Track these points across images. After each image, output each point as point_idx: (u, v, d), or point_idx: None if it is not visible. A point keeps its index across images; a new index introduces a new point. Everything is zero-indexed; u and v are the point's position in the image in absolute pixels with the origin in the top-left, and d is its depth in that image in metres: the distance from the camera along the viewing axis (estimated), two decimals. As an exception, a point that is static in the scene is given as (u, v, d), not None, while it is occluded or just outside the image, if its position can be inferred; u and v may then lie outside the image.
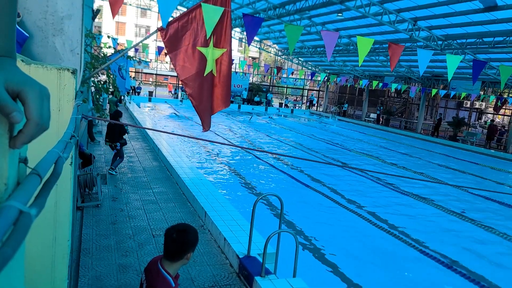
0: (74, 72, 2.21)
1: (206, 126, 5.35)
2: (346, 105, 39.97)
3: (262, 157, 14.37)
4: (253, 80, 46.84)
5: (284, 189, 10.64)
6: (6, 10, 0.63)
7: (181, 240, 2.53)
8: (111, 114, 9.26)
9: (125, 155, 10.99)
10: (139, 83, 40.17)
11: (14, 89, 0.59)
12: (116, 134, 9.23)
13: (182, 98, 35.29)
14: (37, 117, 0.61)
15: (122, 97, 21.93)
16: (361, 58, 6.73)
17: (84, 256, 5.04)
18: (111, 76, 6.07)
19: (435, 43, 20.06)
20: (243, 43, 46.29)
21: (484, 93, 26.78)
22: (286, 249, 5.06)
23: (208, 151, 14.88)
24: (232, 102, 36.34)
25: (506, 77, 7.95)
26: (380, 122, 34.55)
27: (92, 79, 5.61)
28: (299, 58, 38.84)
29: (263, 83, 47.58)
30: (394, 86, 26.44)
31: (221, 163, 13.26)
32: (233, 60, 25.63)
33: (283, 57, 41.46)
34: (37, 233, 2.17)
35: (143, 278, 2.63)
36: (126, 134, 9.65)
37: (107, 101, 14.51)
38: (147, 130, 14.44)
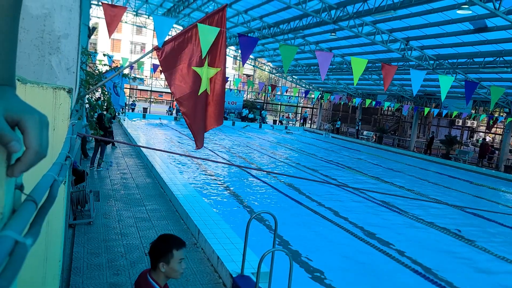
0: (69, 91, 2.22)
1: (199, 143, 5.36)
2: (339, 123, 40.30)
3: (256, 174, 14.35)
4: (247, 97, 47.11)
5: (278, 206, 10.60)
6: (6, 38, 0.64)
7: (152, 248, 2.62)
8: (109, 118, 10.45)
9: (118, 172, 11.08)
10: (134, 100, 40.28)
11: (13, 118, 0.59)
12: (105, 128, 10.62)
13: (177, 116, 35.29)
14: (36, 146, 0.61)
15: (117, 114, 21.93)
16: (356, 78, 6.81)
17: (74, 275, 4.96)
18: (106, 94, 6.08)
19: (427, 62, 20.38)
20: (238, 61, 46.68)
21: (475, 112, 27.13)
22: (280, 268, 5.01)
23: (202, 168, 14.83)
24: (226, 119, 36.50)
25: (497, 98, 8.07)
26: (357, 136, 35.71)
27: (87, 96, 5.62)
28: (293, 76, 39.22)
29: (257, 100, 47.88)
30: (387, 104, 26.75)
31: (215, 180, 13.21)
32: (228, 77, 25.77)
33: (277, 74, 41.86)
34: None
35: None
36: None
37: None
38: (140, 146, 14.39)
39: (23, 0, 0.72)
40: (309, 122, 46.95)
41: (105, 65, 7.27)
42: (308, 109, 48.54)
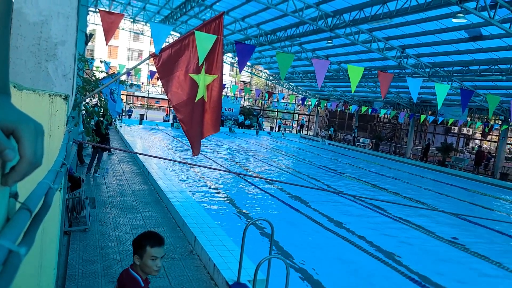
0: (66, 98, 2.22)
1: (196, 150, 5.36)
2: (332, 129, 40.59)
3: (253, 181, 14.33)
4: (244, 104, 47.20)
5: (275, 213, 10.57)
6: None
7: (133, 241, 2.76)
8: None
9: (114, 178, 11.06)
10: (130, 107, 40.27)
11: (8, 126, 0.59)
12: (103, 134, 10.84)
13: (174, 122, 35.31)
14: (30, 155, 0.60)
15: (113, 120, 21.92)
16: (353, 85, 6.84)
17: (69, 282, 4.91)
18: (103, 100, 6.08)
19: (422, 70, 20.51)
20: (235, 68, 46.84)
21: (471, 119, 27.29)
22: (277, 275, 4.99)
23: (198, 175, 14.80)
24: (222, 125, 36.57)
25: (494, 106, 8.12)
26: (354, 143, 35.79)
27: (84, 102, 5.62)
28: (290, 83, 39.35)
29: (254, 107, 47.98)
30: (383, 111, 26.89)
31: (211, 186, 13.18)
32: (225, 84, 25.83)
33: (274, 81, 41.99)
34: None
35: (116, 286, 2.74)
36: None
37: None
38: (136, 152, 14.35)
39: (20, 7, 0.72)
40: (306, 129, 47.12)
41: (102, 71, 7.27)
42: (305, 116, 48.69)
